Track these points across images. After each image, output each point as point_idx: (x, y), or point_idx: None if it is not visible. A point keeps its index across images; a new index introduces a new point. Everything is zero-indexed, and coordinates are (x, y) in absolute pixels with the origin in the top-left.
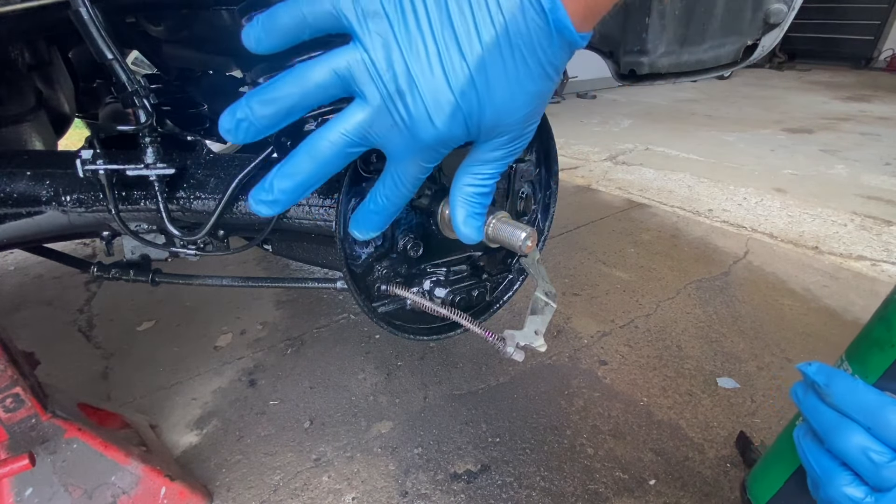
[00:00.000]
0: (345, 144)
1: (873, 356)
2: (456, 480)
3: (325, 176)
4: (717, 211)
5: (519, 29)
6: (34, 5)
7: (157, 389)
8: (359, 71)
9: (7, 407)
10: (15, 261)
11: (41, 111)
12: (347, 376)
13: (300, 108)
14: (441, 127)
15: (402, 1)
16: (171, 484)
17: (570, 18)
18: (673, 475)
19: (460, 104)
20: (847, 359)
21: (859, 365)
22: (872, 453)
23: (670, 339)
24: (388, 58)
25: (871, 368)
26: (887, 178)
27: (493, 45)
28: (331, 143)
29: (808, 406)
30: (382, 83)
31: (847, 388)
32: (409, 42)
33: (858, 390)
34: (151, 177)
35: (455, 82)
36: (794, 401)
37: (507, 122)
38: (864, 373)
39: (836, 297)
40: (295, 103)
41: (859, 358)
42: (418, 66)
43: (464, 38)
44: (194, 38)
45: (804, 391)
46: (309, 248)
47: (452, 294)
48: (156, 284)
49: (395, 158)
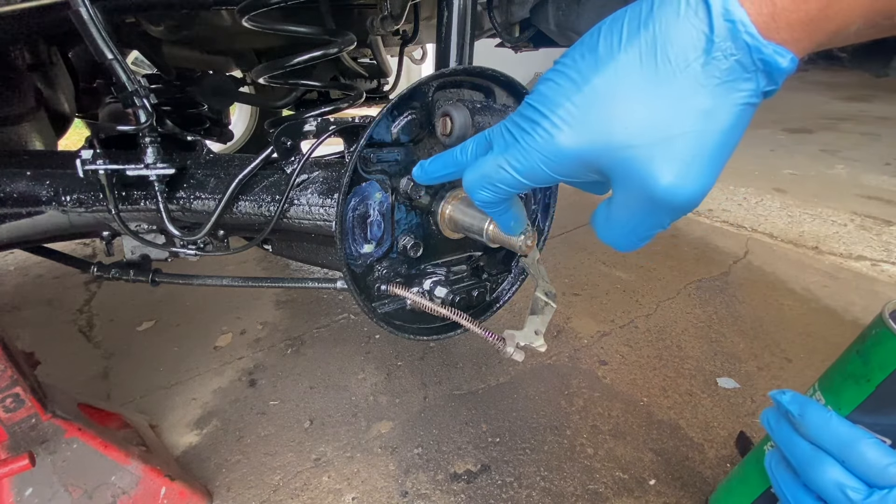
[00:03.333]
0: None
1: (847, 389)
2: (456, 480)
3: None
4: (717, 211)
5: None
6: (34, 5)
7: (157, 389)
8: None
9: (7, 407)
10: (15, 261)
11: (41, 111)
12: (347, 376)
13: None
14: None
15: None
16: (171, 484)
17: (775, 53)
18: (673, 475)
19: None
20: (820, 388)
21: (833, 396)
22: (849, 490)
23: (670, 339)
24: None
25: (845, 401)
26: (887, 178)
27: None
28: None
29: (782, 436)
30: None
31: (821, 421)
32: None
33: (832, 423)
34: (151, 177)
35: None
36: (766, 428)
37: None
38: (837, 404)
39: (836, 297)
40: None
41: (833, 389)
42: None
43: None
44: (194, 38)
45: (776, 419)
46: (309, 248)
47: (452, 294)
48: (156, 284)
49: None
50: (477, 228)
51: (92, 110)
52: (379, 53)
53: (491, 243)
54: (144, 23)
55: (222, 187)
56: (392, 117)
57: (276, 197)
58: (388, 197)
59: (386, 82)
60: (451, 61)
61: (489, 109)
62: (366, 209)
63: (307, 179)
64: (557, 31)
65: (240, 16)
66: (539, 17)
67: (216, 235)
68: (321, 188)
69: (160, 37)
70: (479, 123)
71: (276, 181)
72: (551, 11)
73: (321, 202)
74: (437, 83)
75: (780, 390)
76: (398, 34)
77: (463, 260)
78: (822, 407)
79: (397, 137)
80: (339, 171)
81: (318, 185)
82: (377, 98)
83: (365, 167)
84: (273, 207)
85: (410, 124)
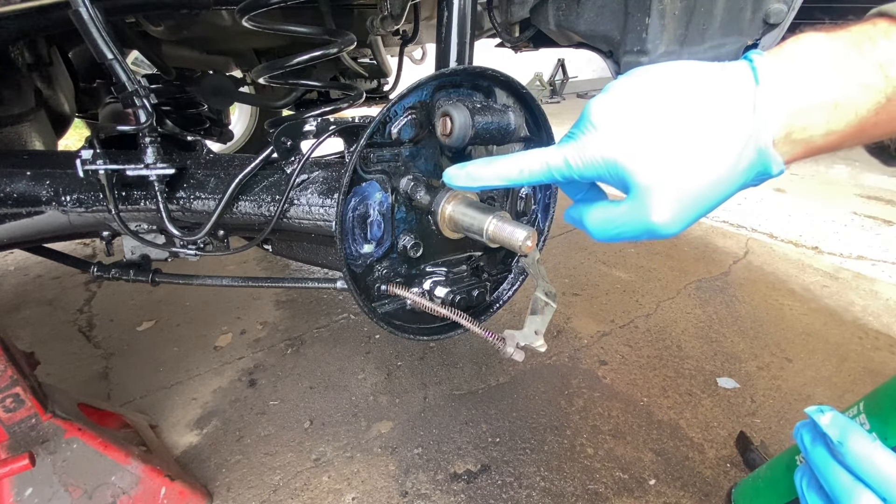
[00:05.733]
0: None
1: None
2: (456, 480)
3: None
4: (717, 211)
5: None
6: (34, 5)
7: (157, 389)
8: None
9: (7, 407)
10: (15, 261)
11: (41, 111)
12: (347, 376)
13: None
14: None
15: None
16: (171, 484)
17: (776, 158)
18: (673, 475)
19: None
20: (866, 411)
21: (880, 423)
22: None
23: (670, 339)
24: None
25: (894, 430)
26: (887, 178)
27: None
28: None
29: (818, 460)
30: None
31: (865, 452)
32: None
33: (877, 455)
34: (151, 177)
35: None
36: (800, 446)
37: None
38: (883, 433)
39: (836, 297)
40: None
41: (881, 416)
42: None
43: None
44: (194, 38)
45: (812, 439)
46: (309, 248)
47: (452, 294)
48: (156, 284)
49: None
50: (477, 228)
51: (92, 110)
52: (379, 53)
53: (491, 243)
54: (144, 23)
55: (222, 187)
56: (392, 117)
57: (276, 197)
58: (388, 197)
59: (386, 82)
60: (451, 61)
61: (489, 109)
62: (366, 209)
63: (307, 179)
64: (557, 31)
65: (240, 16)
66: (539, 17)
67: (216, 235)
68: (321, 188)
69: (160, 37)
70: (479, 123)
71: (276, 181)
72: (551, 11)
73: (321, 202)
74: (436, 83)
75: (819, 407)
76: (398, 34)
77: (463, 260)
78: (866, 435)
79: (397, 137)
80: (339, 171)
81: (318, 185)
82: (377, 98)
83: (365, 167)
84: (273, 207)
85: (410, 124)
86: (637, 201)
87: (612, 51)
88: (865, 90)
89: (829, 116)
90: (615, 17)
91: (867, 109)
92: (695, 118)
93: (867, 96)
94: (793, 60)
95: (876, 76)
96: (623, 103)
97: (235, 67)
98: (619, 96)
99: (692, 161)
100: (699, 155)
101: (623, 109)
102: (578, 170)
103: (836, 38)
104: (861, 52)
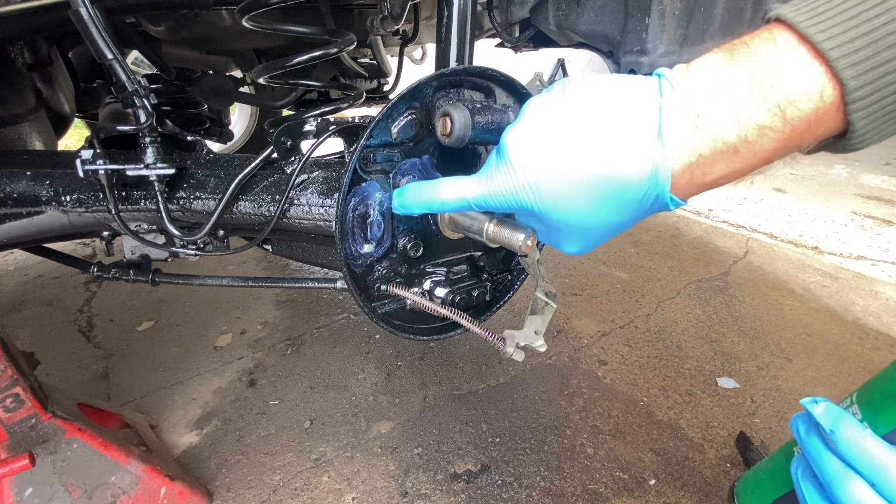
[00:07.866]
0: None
1: (888, 408)
2: (456, 480)
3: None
4: (717, 211)
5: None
6: (34, 5)
7: (157, 389)
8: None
9: (7, 407)
10: (15, 261)
11: (41, 111)
12: (347, 376)
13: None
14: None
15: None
16: (171, 484)
17: (676, 199)
18: (673, 475)
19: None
20: (858, 402)
21: (871, 412)
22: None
23: (670, 339)
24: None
25: (884, 419)
26: (887, 178)
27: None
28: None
29: (811, 448)
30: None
31: (856, 439)
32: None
33: (867, 443)
34: (151, 177)
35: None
36: (795, 436)
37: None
38: (874, 422)
39: (836, 297)
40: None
41: (872, 406)
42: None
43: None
44: (194, 38)
45: (807, 429)
46: (309, 248)
47: (452, 294)
48: (156, 284)
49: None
50: (477, 229)
51: (92, 110)
52: (379, 53)
53: (491, 243)
54: (144, 23)
55: (222, 187)
56: (392, 117)
57: (276, 197)
58: (389, 197)
59: (386, 82)
60: (451, 61)
61: (489, 109)
62: (366, 209)
63: (307, 179)
64: (557, 31)
65: (240, 16)
66: (539, 17)
67: (216, 235)
68: (321, 188)
69: (160, 37)
70: (479, 123)
71: (276, 181)
72: (551, 11)
73: (321, 202)
74: (437, 83)
75: (813, 399)
76: (398, 34)
77: (463, 260)
78: (856, 423)
79: (397, 137)
80: (339, 171)
81: (318, 185)
82: (377, 98)
83: (365, 167)
84: (273, 207)
85: (410, 124)
86: (551, 235)
87: (612, 51)
88: (763, 133)
89: (728, 161)
90: (615, 17)
91: (765, 150)
92: (597, 157)
93: (765, 140)
94: (697, 98)
95: (776, 118)
96: (532, 136)
97: (235, 67)
98: (529, 127)
99: (594, 208)
100: (601, 199)
101: (532, 144)
102: (493, 202)
103: (736, 64)
104: (762, 90)
